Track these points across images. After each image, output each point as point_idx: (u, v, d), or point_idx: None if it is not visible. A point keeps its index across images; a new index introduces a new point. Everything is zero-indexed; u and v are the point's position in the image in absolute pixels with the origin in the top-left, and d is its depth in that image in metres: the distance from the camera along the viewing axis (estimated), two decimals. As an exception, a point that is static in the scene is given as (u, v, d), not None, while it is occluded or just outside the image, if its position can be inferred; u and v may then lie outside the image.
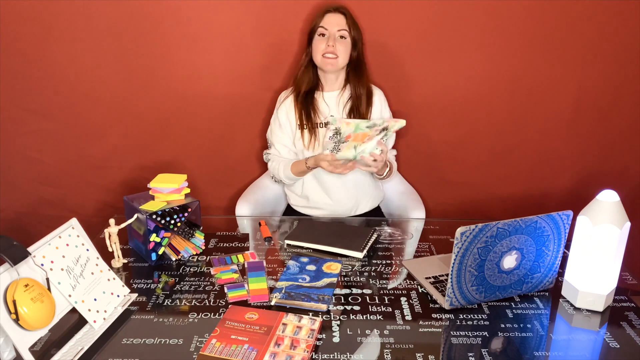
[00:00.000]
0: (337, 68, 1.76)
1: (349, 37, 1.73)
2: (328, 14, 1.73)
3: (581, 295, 1.24)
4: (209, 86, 1.99)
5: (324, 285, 1.31)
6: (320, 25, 1.73)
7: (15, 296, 1.02)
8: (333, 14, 1.73)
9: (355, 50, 1.78)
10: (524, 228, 1.19)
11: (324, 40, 1.73)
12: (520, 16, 1.86)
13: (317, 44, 1.74)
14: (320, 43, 1.73)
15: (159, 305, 1.26)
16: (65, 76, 1.93)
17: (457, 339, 1.14)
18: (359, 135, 1.61)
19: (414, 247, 1.55)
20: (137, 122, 2.02)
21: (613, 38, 1.88)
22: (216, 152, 2.10)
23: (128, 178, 2.10)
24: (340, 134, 1.64)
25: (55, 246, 1.17)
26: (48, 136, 2.02)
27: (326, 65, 1.74)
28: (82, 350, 1.09)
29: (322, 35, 1.73)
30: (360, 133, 1.61)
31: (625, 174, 2.09)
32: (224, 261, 1.45)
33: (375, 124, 1.62)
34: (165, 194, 1.48)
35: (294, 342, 1.10)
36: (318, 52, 1.74)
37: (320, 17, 1.74)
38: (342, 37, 1.73)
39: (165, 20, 1.88)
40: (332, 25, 1.72)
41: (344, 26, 1.72)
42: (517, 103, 2.00)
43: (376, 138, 1.58)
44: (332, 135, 1.66)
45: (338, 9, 1.75)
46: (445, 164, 2.12)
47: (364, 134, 1.60)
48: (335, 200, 1.87)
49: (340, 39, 1.73)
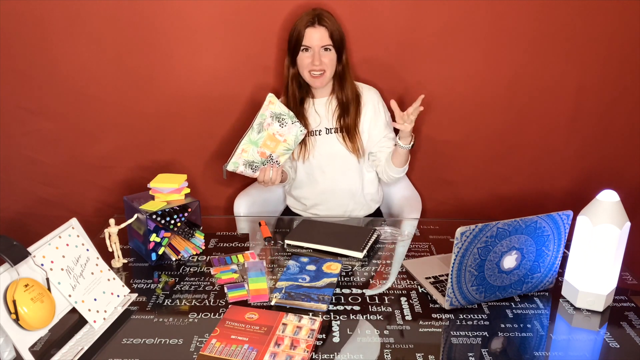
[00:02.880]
0: (325, 82, 1.74)
1: (333, 48, 1.70)
2: (309, 28, 1.67)
3: (581, 295, 1.24)
4: (209, 86, 1.98)
5: (324, 285, 1.31)
6: (303, 43, 1.67)
7: (15, 296, 1.02)
8: (314, 29, 1.66)
9: (340, 64, 1.74)
10: (524, 228, 1.19)
11: (309, 56, 1.69)
12: (520, 17, 1.86)
13: (302, 60, 1.71)
14: (306, 59, 1.70)
15: (159, 305, 1.26)
16: (65, 76, 1.93)
17: (457, 339, 1.14)
18: (266, 142, 1.66)
19: (414, 247, 1.55)
20: (137, 122, 2.02)
21: (613, 38, 1.88)
22: (216, 152, 2.10)
23: (128, 178, 2.10)
24: (253, 160, 1.66)
25: (55, 246, 1.17)
26: (48, 136, 2.02)
27: (315, 82, 1.73)
28: (82, 350, 1.09)
29: (306, 50, 1.69)
30: (264, 140, 1.65)
31: (625, 174, 2.08)
32: (224, 261, 1.45)
33: (260, 122, 1.65)
34: (165, 194, 1.48)
35: (294, 342, 1.10)
36: (304, 68, 1.71)
37: (301, 30, 1.67)
38: (327, 50, 1.69)
39: (166, 20, 1.87)
40: (315, 40, 1.67)
41: (327, 40, 1.67)
42: (517, 103, 2.00)
43: (288, 124, 1.65)
44: (252, 170, 1.68)
45: (319, 20, 1.67)
46: (445, 164, 2.12)
47: (269, 137, 1.65)
48: (327, 206, 1.88)
49: (324, 51, 1.69)
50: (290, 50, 1.73)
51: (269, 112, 1.65)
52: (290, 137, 1.67)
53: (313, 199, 1.88)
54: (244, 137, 1.65)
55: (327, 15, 1.70)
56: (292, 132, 1.67)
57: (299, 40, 1.68)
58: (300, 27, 1.68)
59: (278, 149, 1.67)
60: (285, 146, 1.67)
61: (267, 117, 1.65)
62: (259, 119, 1.65)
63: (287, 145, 1.67)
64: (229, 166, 1.66)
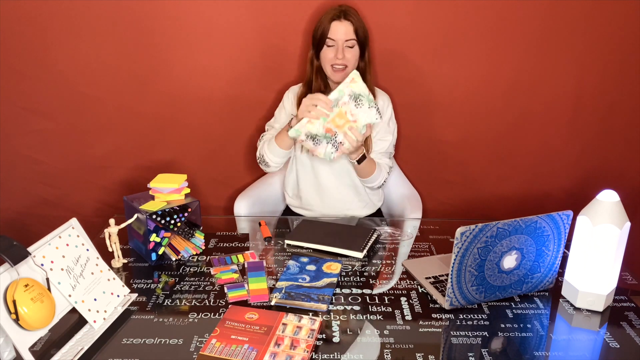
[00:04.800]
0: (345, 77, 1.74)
1: (357, 44, 1.70)
2: (335, 21, 1.67)
3: (581, 295, 1.24)
4: (209, 86, 1.99)
5: (324, 285, 1.31)
6: (328, 36, 1.68)
7: (15, 296, 1.02)
8: (340, 23, 1.67)
9: (363, 60, 1.74)
10: (524, 228, 1.19)
11: (333, 50, 1.69)
12: (520, 17, 1.86)
13: (325, 54, 1.71)
14: (329, 53, 1.70)
15: (159, 305, 1.26)
16: (65, 76, 1.93)
17: (457, 339, 1.14)
18: (335, 119, 1.58)
19: (414, 247, 1.55)
20: (137, 122, 2.02)
21: (613, 38, 1.88)
22: (216, 152, 2.10)
23: (128, 178, 2.10)
24: (316, 134, 1.59)
25: (55, 246, 1.17)
26: (48, 136, 2.02)
27: (336, 76, 1.72)
28: (82, 350, 1.09)
29: (330, 45, 1.70)
30: (334, 117, 1.57)
31: (625, 174, 2.08)
32: (224, 261, 1.45)
33: (336, 98, 1.57)
34: (165, 194, 1.48)
35: (294, 342, 1.10)
36: (327, 62, 1.71)
37: (327, 24, 1.68)
38: (351, 46, 1.69)
39: (166, 20, 1.88)
40: (340, 34, 1.67)
41: (352, 35, 1.68)
42: (518, 103, 2.00)
43: (364, 107, 1.56)
44: (314, 143, 1.60)
45: (345, 15, 1.68)
46: (445, 164, 2.12)
47: (340, 114, 1.57)
48: (327, 203, 1.87)
49: (348, 47, 1.69)
50: (314, 44, 1.74)
51: (348, 89, 1.57)
52: (361, 120, 1.58)
53: (317, 195, 1.88)
54: None
55: (353, 11, 1.70)
56: (366, 115, 1.58)
57: (324, 34, 1.69)
58: (326, 21, 1.68)
59: (344, 128, 1.59)
60: (352, 126, 1.59)
61: (345, 94, 1.57)
62: (335, 94, 1.57)
63: (355, 126, 1.59)
64: (291, 132, 1.60)
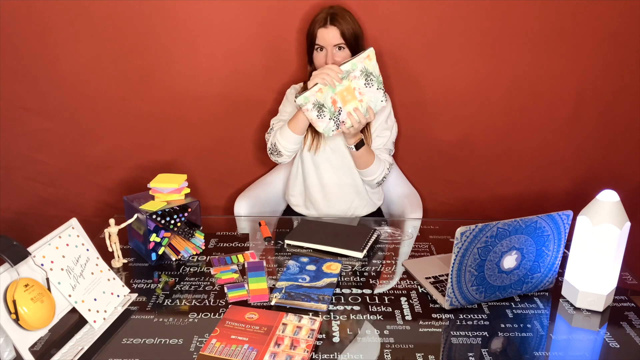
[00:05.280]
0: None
1: (346, 46, 1.70)
2: (321, 29, 1.67)
3: (581, 295, 1.24)
4: (209, 86, 1.99)
5: (324, 285, 1.31)
6: (316, 42, 1.70)
7: (15, 296, 1.02)
8: (326, 29, 1.67)
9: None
10: (524, 228, 1.19)
11: (323, 55, 1.70)
12: (520, 16, 1.86)
13: (317, 59, 1.73)
14: (320, 58, 1.71)
15: (159, 305, 1.26)
16: (65, 76, 1.93)
17: (457, 339, 1.14)
18: (343, 92, 1.57)
19: (414, 247, 1.55)
20: (137, 122, 2.02)
21: (613, 38, 1.88)
22: (216, 152, 2.10)
23: (128, 178, 2.10)
24: (323, 104, 1.58)
25: (55, 246, 1.17)
26: (48, 136, 2.02)
27: None
28: (82, 350, 1.09)
29: (321, 50, 1.71)
30: (342, 90, 1.57)
31: (625, 174, 2.08)
32: (224, 261, 1.45)
33: (348, 70, 1.56)
34: (165, 194, 1.48)
35: (294, 342, 1.10)
36: (320, 66, 1.71)
37: (314, 31, 1.69)
38: (340, 48, 1.69)
39: (166, 20, 1.87)
40: (327, 40, 1.67)
41: (339, 39, 1.67)
42: (518, 103, 2.00)
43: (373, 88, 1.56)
44: (317, 115, 1.59)
45: (331, 19, 1.67)
46: (445, 164, 2.12)
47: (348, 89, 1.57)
48: (330, 201, 1.87)
49: (338, 50, 1.69)
50: (307, 49, 1.77)
51: (362, 65, 1.56)
52: (367, 99, 1.59)
53: (321, 193, 1.88)
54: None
55: (341, 13, 1.69)
56: (373, 96, 1.59)
57: (312, 40, 1.71)
58: (314, 28, 1.70)
59: (349, 105, 1.59)
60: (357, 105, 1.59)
61: (357, 69, 1.56)
62: (348, 65, 1.56)
63: (360, 105, 1.59)
64: (300, 99, 1.59)
